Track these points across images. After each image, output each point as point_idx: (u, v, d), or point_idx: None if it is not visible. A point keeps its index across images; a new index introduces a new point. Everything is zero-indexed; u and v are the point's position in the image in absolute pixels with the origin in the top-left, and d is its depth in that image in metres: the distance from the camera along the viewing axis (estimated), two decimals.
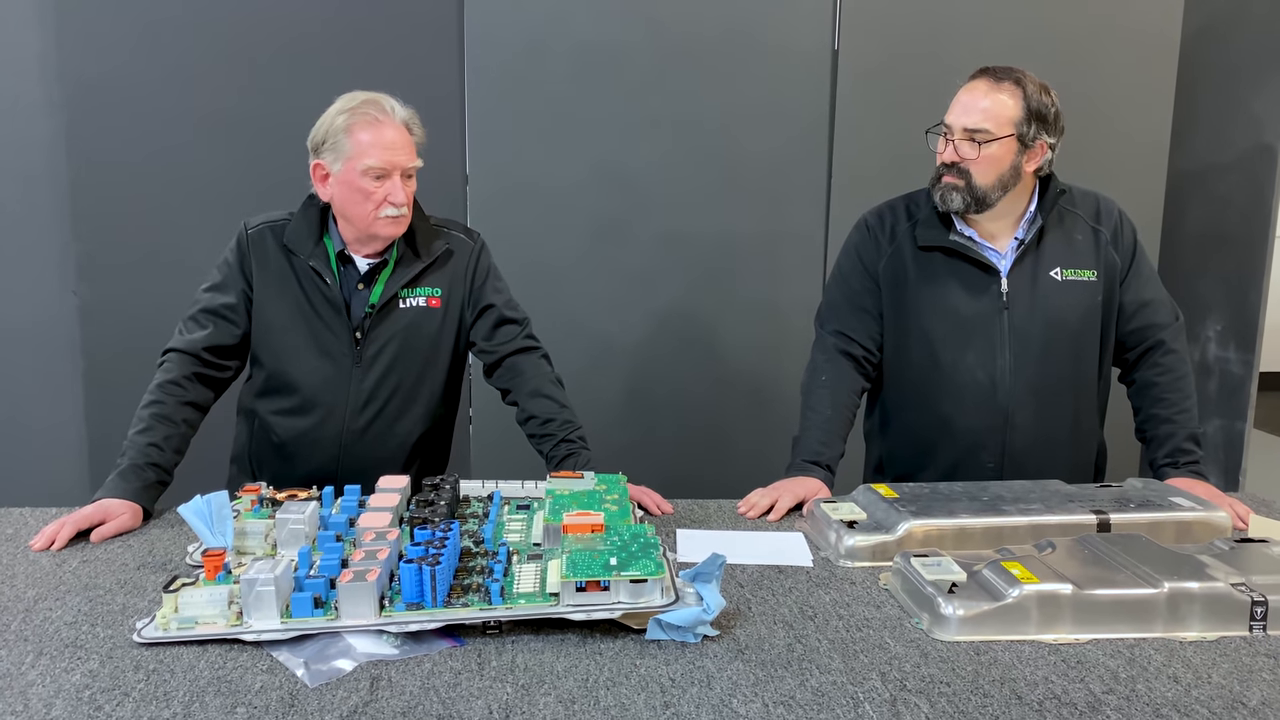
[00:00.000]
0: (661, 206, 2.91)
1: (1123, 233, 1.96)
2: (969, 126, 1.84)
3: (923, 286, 1.95)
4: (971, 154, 1.84)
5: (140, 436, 1.73)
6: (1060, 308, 1.91)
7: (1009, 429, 1.93)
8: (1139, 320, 1.96)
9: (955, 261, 1.94)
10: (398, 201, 1.77)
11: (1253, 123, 3.17)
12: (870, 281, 2.00)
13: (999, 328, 1.92)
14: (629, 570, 1.22)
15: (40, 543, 1.52)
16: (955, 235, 1.93)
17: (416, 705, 1.07)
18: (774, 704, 1.09)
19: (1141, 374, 1.97)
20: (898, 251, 1.98)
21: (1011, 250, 1.93)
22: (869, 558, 1.51)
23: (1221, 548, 1.44)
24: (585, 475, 1.63)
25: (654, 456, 2.88)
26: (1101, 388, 2.02)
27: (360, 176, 1.75)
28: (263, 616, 1.20)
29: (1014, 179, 1.87)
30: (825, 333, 2.03)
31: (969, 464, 1.95)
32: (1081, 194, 1.98)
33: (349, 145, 1.75)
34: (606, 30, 2.82)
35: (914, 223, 1.98)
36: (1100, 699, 1.11)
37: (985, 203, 1.87)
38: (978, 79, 1.87)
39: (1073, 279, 1.92)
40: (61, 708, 1.06)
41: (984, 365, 1.93)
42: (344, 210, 1.80)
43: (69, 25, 2.74)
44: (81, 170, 2.80)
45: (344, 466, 1.87)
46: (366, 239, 1.83)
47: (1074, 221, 1.95)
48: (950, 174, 1.87)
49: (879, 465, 2.10)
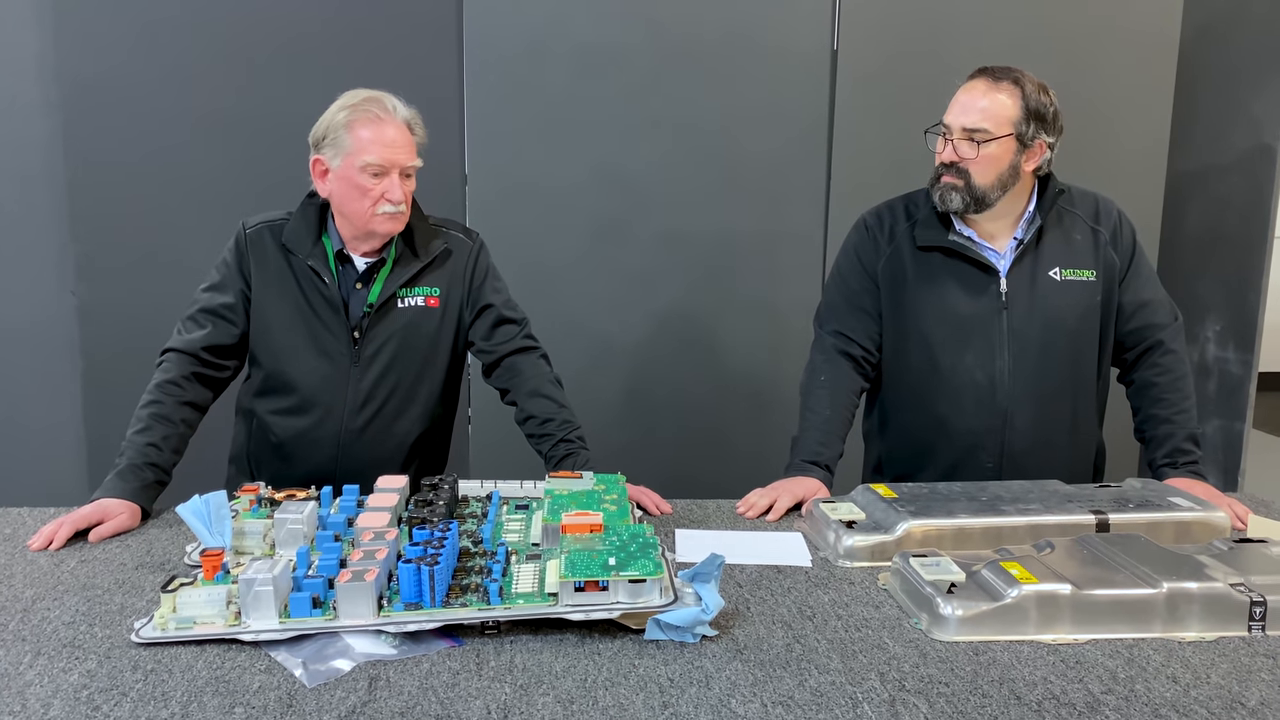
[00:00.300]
0: (661, 207, 2.91)
1: (1122, 233, 1.96)
2: (968, 126, 1.84)
3: (921, 287, 1.95)
4: (970, 154, 1.84)
5: (139, 436, 1.73)
6: (1059, 308, 1.91)
7: (1008, 429, 1.93)
8: (1138, 320, 1.96)
9: (954, 262, 1.94)
10: (394, 199, 1.77)
11: (1252, 123, 3.17)
12: (869, 282, 2.00)
13: (998, 328, 1.92)
14: (628, 570, 1.22)
15: (38, 542, 1.52)
16: (954, 235, 1.93)
17: (415, 705, 1.07)
18: (772, 704, 1.08)
19: (1140, 374, 1.97)
20: (897, 252, 1.98)
21: (1010, 250, 1.93)
22: (868, 558, 1.51)
23: (1220, 548, 1.44)
24: (584, 475, 1.63)
25: (653, 456, 2.88)
26: (1100, 388, 2.02)
27: (359, 173, 1.75)
28: (261, 616, 1.20)
29: (1013, 179, 1.87)
30: (824, 333, 2.03)
31: (968, 464, 1.95)
32: (1080, 194, 1.98)
33: (349, 141, 1.75)
34: (606, 30, 2.82)
35: (913, 223, 1.98)
36: (1099, 699, 1.11)
37: (984, 202, 1.87)
38: (976, 79, 1.87)
39: (1072, 279, 1.92)
40: (59, 708, 1.06)
41: (983, 366, 1.93)
42: (341, 206, 1.80)
43: (67, 25, 2.74)
44: (79, 170, 2.80)
45: (342, 466, 1.87)
46: (364, 236, 1.83)
47: (1073, 221, 1.95)
48: (949, 174, 1.87)
49: (878, 465, 2.10)
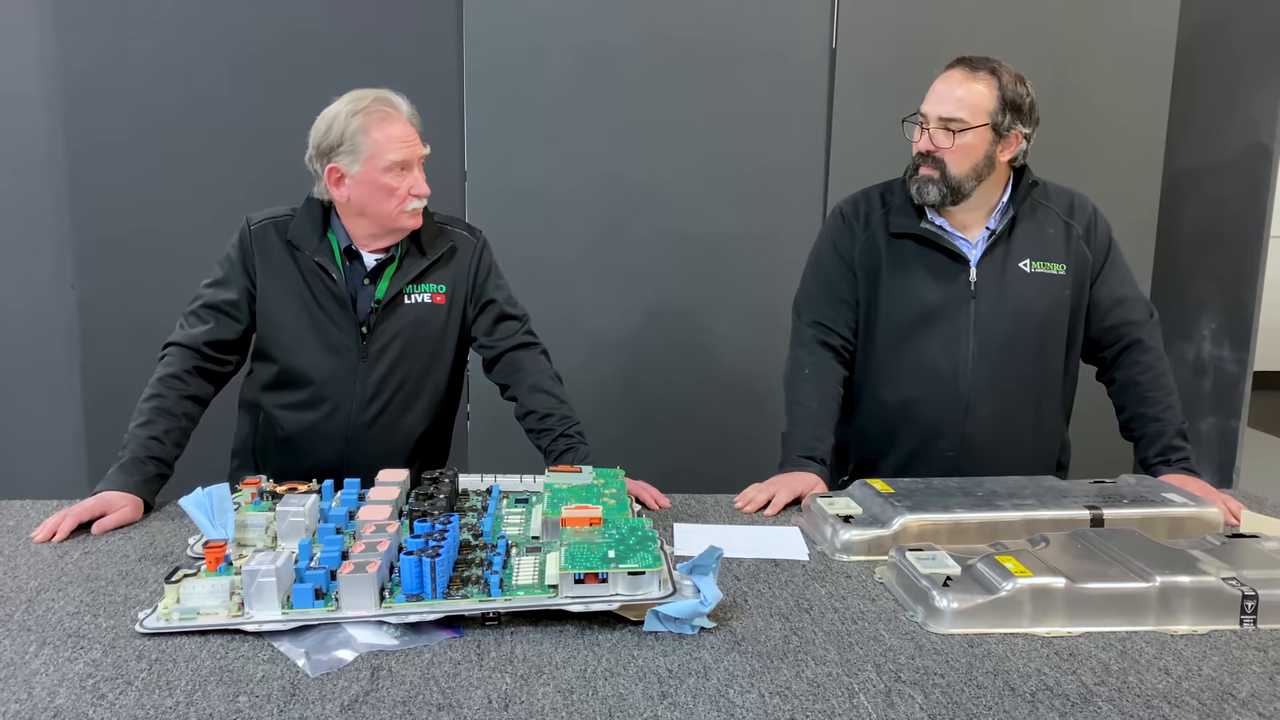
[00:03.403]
0: (659, 205, 2.92)
1: (1096, 228, 1.97)
2: (944, 115, 1.85)
3: (892, 273, 1.96)
4: (946, 143, 1.85)
5: (141, 430, 1.74)
6: (1026, 298, 1.92)
7: (969, 419, 1.94)
8: (1113, 317, 1.97)
9: (925, 250, 1.95)
10: (421, 193, 1.81)
11: (1248, 122, 3.18)
12: (846, 270, 2.01)
13: (965, 317, 1.93)
14: (627, 562, 1.24)
15: (42, 534, 1.53)
16: (926, 224, 1.94)
17: (417, 695, 1.08)
18: (770, 694, 1.10)
19: (1122, 373, 1.98)
20: (871, 238, 1.99)
21: (982, 240, 1.94)
22: (864, 552, 1.52)
23: (1213, 543, 1.45)
24: (583, 470, 1.65)
25: (652, 452, 2.89)
26: (1068, 384, 2.03)
27: (383, 173, 1.77)
28: (264, 607, 1.22)
29: (988, 169, 1.88)
30: (803, 324, 2.04)
31: (928, 452, 1.97)
32: (1057, 189, 2.00)
33: (367, 145, 1.76)
34: (605, 29, 2.83)
35: (887, 210, 1.99)
36: (1092, 690, 1.12)
37: (960, 193, 1.88)
38: (953, 68, 1.88)
39: (1040, 271, 1.93)
40: (65, 696, 1.07)
41: (947, 354, 1.94)
42: (365, 209, 1.81)
43: (68, 19, 2.74)
44: (79, 164, 2.80)
45: (349, 460, 1.88)
46: (384, 234, 1.84)
47: (1046, 215, 1.96)
48: (926, 164, 1.88)
49: (842, 450, 2.10)
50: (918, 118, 1.89)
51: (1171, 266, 3.27)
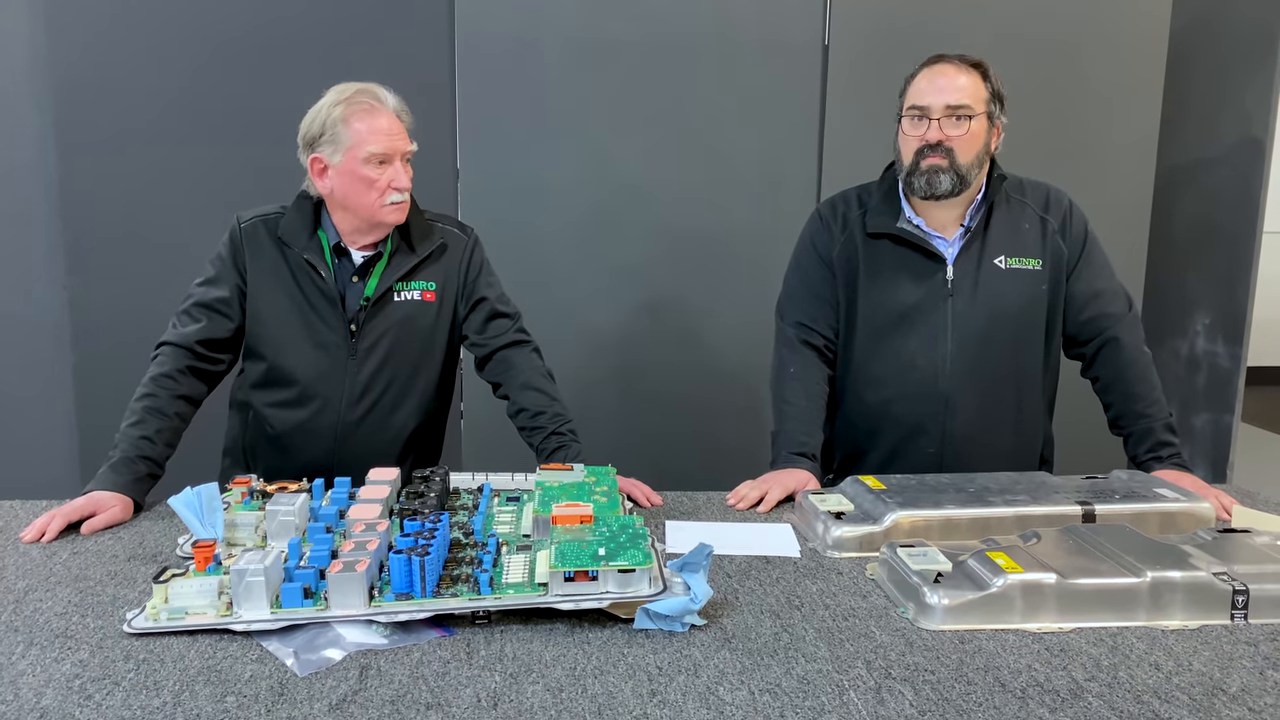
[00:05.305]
0: (652, 199, 2.91)
1: (1072, 222, 1.97)
2: (952, 104, 1.85)
3: (870, 273, 1.97)
4: (958, 130, 1.85)
5: (132, 429, 1.74)
6: (1003, 295, 1.92)
7: (949, 416, 1.95)
8: (1091, 310, 1.97)
9: (902, 249, 1.95)
10: (401, 186, 1.79)
11: (1241, 117, 3.18)
12: (826, 270, 2.02)
13: (943, 315, 1.93)
14: (617, 560, 1.23)
15: (30, 534, 1.53)
16: (903, 223, 1.95)
17: (406, 694, 1.08)
18: (760, 691, 1.10)
19: (1105, 369, 1.97)
20: (849, 239, 1.99)
21: (959, 238, 1.95)
22: (856, 548, 1.52)
23: (1204, 538, 1.45)
24: (575, 467, 1.64)
25: (644, 449, 2.89)
26: (1049, 378, 2.03)
27: (363, 165, 1.76)
28: (252, 607, 1.21)
29: (985, 158, 1.90)
30: (786, 325, 2.05)
31: (909, 449, 1.97)
32: (1033, 185, 2.00)
33: (348, 135, 1.76)
34: (597, 23, 2.82)
35: (864, 211, 2.00)
36: (1083, 686, 1.12)
37: (966, 181, 1.88)
38: (940, 63, 1.88)
39: (1016, 267, 1.93)
40: (52, 697, 1.06)
41: (925, 352, 1.94)
42: (346, 201, 1.81)
43: (59, 19, 2.74)
44: (70, 164, 2.80)
45: (339, 458, 1.88)
46: (368, 229, 1.84)
47: (1022, 210, 1.97)
48: (934, 155, 1.86)
49: (825, 447, 2.09)
50: (914, 113, 1.89)
51: (1165, 261, 3.27)
